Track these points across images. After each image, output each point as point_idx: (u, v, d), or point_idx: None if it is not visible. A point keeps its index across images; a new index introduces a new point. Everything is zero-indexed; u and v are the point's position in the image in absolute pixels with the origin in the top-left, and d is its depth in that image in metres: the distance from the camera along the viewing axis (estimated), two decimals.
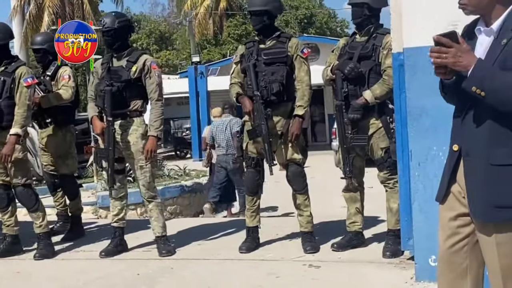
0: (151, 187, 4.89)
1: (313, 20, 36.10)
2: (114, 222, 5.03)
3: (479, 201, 2.32)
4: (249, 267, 4.44)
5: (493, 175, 2.27)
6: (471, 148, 2.34)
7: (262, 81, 4.64)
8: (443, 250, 2.48)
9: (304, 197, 4.71)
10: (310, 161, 4.83)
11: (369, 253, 4.51)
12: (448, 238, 2.45)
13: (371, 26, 4.49)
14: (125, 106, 4.84)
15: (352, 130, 4.42)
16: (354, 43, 4.58)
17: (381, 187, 4.58)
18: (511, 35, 2.26)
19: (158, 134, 4.79)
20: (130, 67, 4.81)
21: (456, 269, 2.45)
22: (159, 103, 4.81)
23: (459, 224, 2.43)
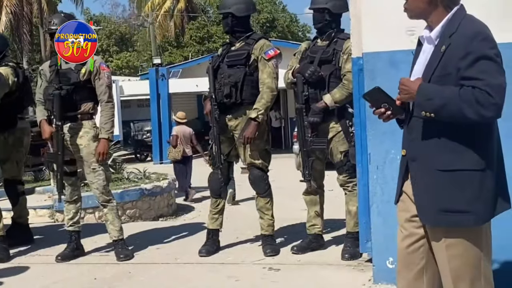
0: (106, 191, 4.82)
1: (275, 24, 36.27)
2: (70, 226, 4.95)
3: (427, 206, 2.36)
4: (209, 271, 4.41)
5: (440, 180, 2.32)
6: (417, 154, 2.39)
7: (218, 83, 4.64)
8: (400, 250, 2.53)
9: (266, 200, 4.71)
10: (271, 164, 4.83)
11: (328, 255, 4.54)
12: (405, 238, 2.50)
13: (332, 31, 4.53)
14: (75, 109, 4.77)
15: (312, 134, 4.45)
16: (315, 47, 4.61)
17: (341, 190, 4.61)
18: (449, 42, 2.31)
19: (109, 136, 4.74)
20: (79, 69, 4.73)
21: (413, 269, 2.49)
22: (109, 104, 4.76)
23: (414, 225, 2.47)
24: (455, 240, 2.34)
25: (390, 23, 3.62)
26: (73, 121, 4.77)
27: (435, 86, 2.31)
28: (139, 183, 8.92)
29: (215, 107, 4.60)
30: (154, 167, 14.16)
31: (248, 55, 4.62)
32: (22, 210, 5.57)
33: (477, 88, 2.21)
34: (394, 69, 3.59)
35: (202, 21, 33.77)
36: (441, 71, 2.31)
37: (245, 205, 6.59)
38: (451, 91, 2.26)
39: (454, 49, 2.29)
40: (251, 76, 4.63)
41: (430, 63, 2.36)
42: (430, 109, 2.28)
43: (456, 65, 2.27)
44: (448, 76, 2.29)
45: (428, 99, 2.28)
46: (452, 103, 2.24)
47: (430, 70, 2.34)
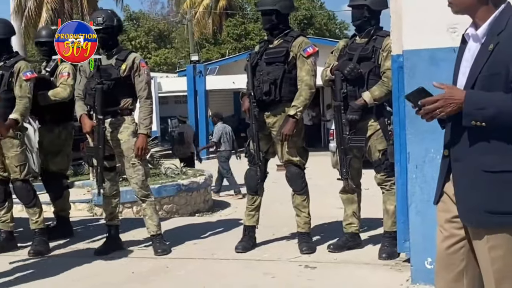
0: (144, 186, 4.87)
1: (312, 21, 36.08)
2: (108, 220, 5.02)
3: (470, 207, 2.32)
4: (245, 267, 4.43)
5: (485, 181, 2.28)
6: (461, 154, 2.34)
7: (257, 80, 4.64)
8: (440, 251, 2.49)
9: (302, 197, 4.70)
10: (308, 162, 4.82)
11: (365, 254, 4.50)
12: (445, 239, 2.46)
13: (371, 28, 4.49)
14: (116, 104, 4.83)
15: (350, 131, 4.42)
16: (354, 44, 4.57)
17: (378, 188, 4.57)
18: (497, 40, 2.24)
19: (148, 132, 4.79)
20: (119, 65, 4.80)
21: (453, 271, 2.45)
22: (148, 101, 4.81)
23: (455, 226, 2.43)
24: (499, 242, 2.29)
25: (431, 20, 3.57)
26: (113, 116, 4.84)
27: (483, 93, 2.25)
28: (176, 178, 9.00)
29: (254, 105, 4.60)
30: None
31: (287, 52, 4.61)
32: (65, 203, 5.68)
33: None
34: (435, 67, 3.54)
35: (239, 18, 33.84)
36: (489, 71, 2.25)
37: (280, 203, 6.58)
38: (503, 99, 2.20)
39: (504, 48, 2.23)
40: (289, 73, 4.61)
41: (477, 61, 2.30)
42: (480, 119, 2.22)
43: (506, 65, 2.21)
44: (497, 75, 2.23)
45: (478, 108, 2.21)
46: (506, 112, 2.19)
47: (477, 69, 2.28)
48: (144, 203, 4.89)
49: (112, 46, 4.90)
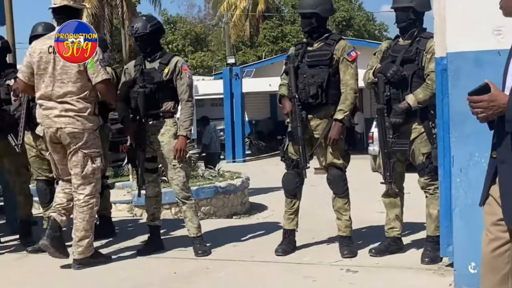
0: (185, 187, 4.91)
1: (351, 23, 35.92)
2: (150, 221, 5.08)
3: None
4: (285, 270, 4.43)
5: None
6: (507, 156, 2.32)
7: (301, 83, 4.64)
8: (485, 253, 2.48)
9: (344, 201, 4.68)
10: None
11: (407, 259, 4.45)
12: (491, 242, 2.45)
13: (415, 29, 4.45)
14: (158, 107, 4.90)
15: (394, 135, 4.39)
16: (397, 46, 4.54)
17: (420, 193, 4.52)
18: None
19: (187, 133, 4.83)
20: (162, 69, 4.87)
21: (498, 273, 2.44)
22: (189, 103, 4.87)
23: (500, 228, 2.42)
24: None
25: (475, 22, 3.54)
26: (155, 119, 4.90)
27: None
28: (213, 181, 9.07)
29: (299, 107, 4.60)
30: (227, 165, 14.33)
31: (331, 56, 4.61)
32: (106, 202, 5.76)
33: None
34: (479, 69, 3.50)
35: (276, 20, 33.89)
36: None
37: (319, 206, 6.56)
38: None
39: None
40: (333, 77, 4.62)
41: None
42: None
43: None
44: None
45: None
46: None
47: None
48: (185, 205, 4.93)
49: (153, 51, 4.96)
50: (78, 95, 4.56)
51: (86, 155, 4.60)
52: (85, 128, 4.57)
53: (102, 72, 4.59)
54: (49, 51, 4.59)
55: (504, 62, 2.51)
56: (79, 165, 4.59)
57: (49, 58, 4.58)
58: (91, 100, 4.65)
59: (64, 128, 4.52)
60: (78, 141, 4.56)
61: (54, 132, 4.57)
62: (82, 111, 4.57)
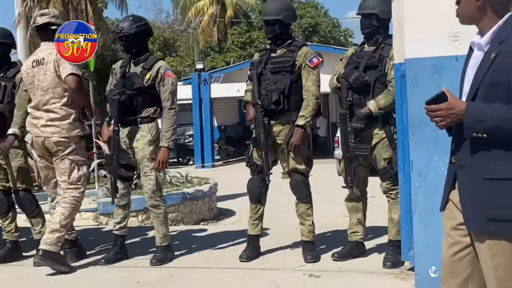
0: (155, 195, 4.84)
1: (317, 29, 36.17)
2: (116, 230, 5.03)
3: (474, 214, 2.34)
4: (249, 276, 4.43)
5: (488, 189, 2.29)
6: (465, 161, 2.36)
7: (264, 89, 4.66)
8: (446, 258, 2.50)
9: (307, 206, 4.71)
10: (313, 169, 4.82)
11: (370, 263, 4.49)
12: (451, 246, 2.47)
13: (380, 36, 4.49)
14: (136, 113, 4.82)
15: (355, 139, 4.43)
16: (362, 52, 4.58)
17: (384, 197, 4.57)
18: (499, 50, 2.27)
19: (169, 144, 4.73)
20: (144, 74, 4.79)
21: (458, 277, 2.46)
22: (172, 112, 4.75)
23: (460, 233, 2.44)
24: (501, 249, 2.30)
25: (433, 29, 3.59)
26: (132, 125, 4.83)
27: (483, 105, 2.27)
28: (181, 187, 9.02)
29: (262, 114, 4.62)
30: (196, 171, 14.28)
31: (293, 62, 4.63)
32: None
33: None
34: (438, 75, 3.55)
35: (244, 26, 33.94)
36: (491, 80, 2.27)
37: (284, 211, 6.57)
38: (503, 111, 2.22)
39: (505, 58, 2.25)
40: (296, 83, 4.64)
41: (480, 70, 2.32)
42: (481, 131, 2.25)
43: (507, 75, 2.23)
44: (498, 85, 2.25)
45: (478, 120, 2.24)
46: (506, 123, 2.21)
47: (479, 77, 2.31)
48: (152, 213, 4.89)
49: (138, 53, 4.88)
50: (60, 101, 4.68)
51: (73, 162, 4.71)
52: (71, 135, 4.69)
53: (69, 67, 4.63)
54: (32, 65, 4.77)
55: (461, 68, 2.55)
56: (66, 173, 4.71)
57: (33, 72, 4.76)
58: (74, 106, 4.72)
59: (50, 138, 4.65)
60: (65, 149, 4.67)
61: (42, 141, 4.70)
62: (66, 118, 4.68)
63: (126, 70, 4.88)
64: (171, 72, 4.85)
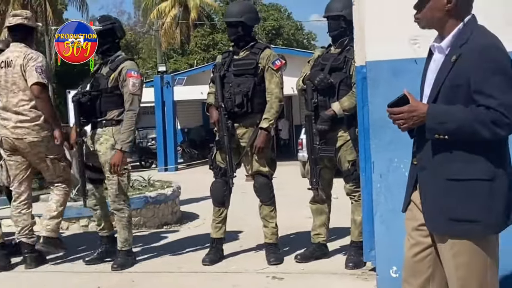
0: (118, 199, 4.77)
1: (281, 32, 36.32)
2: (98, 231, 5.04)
3: (435, 214, 2.37)
4: (212, 279, 4.40)
5: (449, 190, 2.32)
6: (427, 163, 2.39)
7: (227, 92, 4.64)
8: (407, 258, 2.52)
9: (270, 208, 4.71)
10: (276, 171, 4.83)
11: (332, 264, 4.52)
12: (412, 247, 2.49)
13: (346, 38, 4.51)
14: (101, 115, 4.75)
15: (320, 141, 4.44)
16: (327, 54, 4.60)
17: (347, 198, 4.59)
18: (459, 52, 2.30)
19: (123, 147, 4.59)
20: (109, 75, 4.73)
21: (420, 278, 2.49)
22: (130, 113, 4.62)
23: (422, 234, 2.47)
24: (462, 249, 2.33)
25: (393, 32, 3.62)
26: (97, 128, 4.78)
27: (444, 107, 2.30)
28: (143, 191, 8.90)
29: (226, 117, 4.60)
30: (159, 174, 14.16)
31: (256, 64, 4.63)
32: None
33: (492, 109, 2.22)
34: (397, 78, 3.59)
35: (207, 28, 33.86)
36: (452, 82, 2.30)
37: (248, 214, 6.56)
38: (464, 113, 2.25)
39: (465, 60, 2.28)
40: (259, 85, 4.64)
41: (441, 72, 2.35)
42: (443, 132, 2.27)
43: (467, 77, 2.27)
44: (459, 87, 2.29)
45: (440, 122, 2.27)
46: (467, 125, 2.24)
47: (440, 79, 2.34)
48: (115, 217, 4.83)
49: (104, 53, 4.83)
50: (29, 103, 4.75)
51: (53, 160, 4.90)
52: (42, 136, 4.78)
53: (35, 75, 4.66)
54: (1, 66, 4.83)
55: (421, 70, 2.58)
56: (50, 169, 4.94)
57: (1, 72, 4.82)
58: None
59: (24, 139, 4.77)
60: (40, 149, 4.81)
61: (12, 141, 4.81)
62: (36, 119, 4.76)
63: (98, 71, 4.83)
64: (134, 73, 4.69)
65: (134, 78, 4.67)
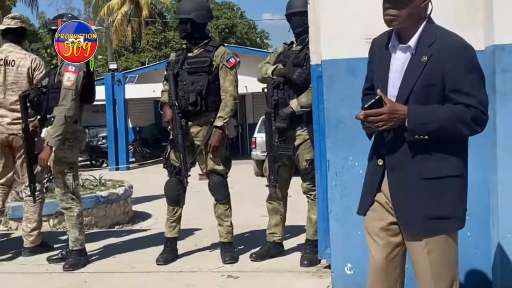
0: (66, 198, 4.68)
1: (234, 30, 36.30)
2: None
3: (411, 214, 2.36)
4: (166, 279, 4.35)
5: (425, 188, 2.34)
6: (399, 163, 2.37)
7: (181, 90, 4.60)
8: (378, 260, 2.48)
9: (225, 207, 4.68)
10: (231, 170, 4.81)
11: (288, 262, 4.53)
12: (383, 248, 2.47)
13: (306, 35, 4.51)
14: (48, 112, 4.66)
15: (279, 139, 4.43)
16: (289, 51, 4.59)
17: (302, 196, 4.60)
18: (431, 52, 2.31)
19: (49, 142, 4.47)
20: (55, 71, 4.69)
21: (390, 277, 2.49)
22: (60, 108, 4.48)
23: (390, 233, 2.46)
24: (437, 245, 2.36)
25: (347, 31, 3.65)
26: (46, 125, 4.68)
27: (423, 108, 2.30)
28: (94, 190, 8.75)
29: (179, 115, 4.55)
30: (110, 173, 13.95)
31: (210, 62, 4.59)
32: None
33: (472, 107, 2.28)
34: (352, 76, 3.61)
35: (159, 26, 33.55)
36: (425, 82, 2.31)
37: (202, 213, 6.52)
38: (444, 113, 2.28)
39: (438, 60, 2.30)
40: (213, 83, 4.61)
41: (411, 72, 2.34)
42: (424, 133, 2.29)
43: (441, 76, 2.29)
44: (433, 86, 2.31)
45: (422, 123, 2.28)
46: (449, 125, 2.28)
47: (411, 80, 2.33)
48: (66, 215, 4.73)
49: None
50: None
51: None
52: None
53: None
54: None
55: None
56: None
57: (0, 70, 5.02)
58: None
59: (18, 135, 4.91)
60: None
61: (6, 137, 5.01)
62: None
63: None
64: (71, 68, 4.55)
65: (69, 72, 4.54)
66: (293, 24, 4.56)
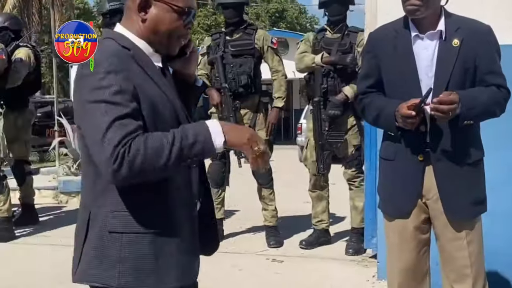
0: None
1: (284, 15, 36.12)
2: None
3: (462, 200, 2.36)
4: (211, 259, 4.39)
5: (470, 174, 2.37)
6: (444, 153, 2.33)
7: (230, 73, 4.62)
8: (411, 259, 2.46)
9: (269, 191, 4.71)
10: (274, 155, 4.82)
11: (332, 250, 4.53)
12: (416, 247, 2.46)
13: (343, 23, 4.49)
14: None
15: (330, 127, 4.42)
16: (327, 39, 4.54)
17: (342, 184, 4.56)
18: (462, 36, 2.29)
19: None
20: None
21: (420, 273, 2.49)
22: None
23: (422, 231, 2.46)
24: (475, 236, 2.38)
25: None
26: None
27: (468, 93, 2.29)
28: None
29: (231, 98, 4.58)
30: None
31: (253, 45, 4.63)
32: (28, 190, 5.59)
33: (502, 87, 2.35)
34: None
35: (211, 8, 33.65)
36: (461, 66, 2.30)
37: (246, 196, 6.57)
38: (483, 96, 2.30)
39: (470, 43, 2.29)
40: (257, 65, 4.68)
41: (445, 58, 2.30)
42: (471, 118, 2.30)
43: (474, 59, 2.30)
44: (468, 70, 2.31)
45: (469, 108, 2.26)
46: (489, 108, 2.34)
47: (448, 66, 2.29)
48: None
49: None
50: None
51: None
52: None
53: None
54: None
55: None
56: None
57: None
58: None
59: None
60: None
61: None
62: None
63: None
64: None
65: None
66: (331, 12, 4.50)
